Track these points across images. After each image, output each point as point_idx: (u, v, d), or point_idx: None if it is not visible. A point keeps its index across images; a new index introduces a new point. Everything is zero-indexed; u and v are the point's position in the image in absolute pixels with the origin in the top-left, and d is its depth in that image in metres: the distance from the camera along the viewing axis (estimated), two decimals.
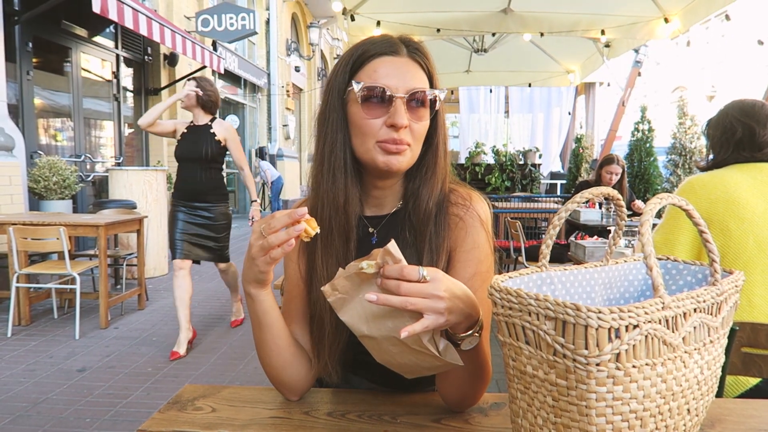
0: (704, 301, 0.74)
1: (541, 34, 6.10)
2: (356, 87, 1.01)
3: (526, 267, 0.90)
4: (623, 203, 0.93)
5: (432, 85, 1.06)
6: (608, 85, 10.24)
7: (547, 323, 0.70)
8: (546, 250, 0.88)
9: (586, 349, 0.66)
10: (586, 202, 5.13)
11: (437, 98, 1.04)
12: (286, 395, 1.08)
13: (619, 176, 4.96)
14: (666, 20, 5.44)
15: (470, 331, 0.87)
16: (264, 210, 14.01)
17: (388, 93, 1.00)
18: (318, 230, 0.89)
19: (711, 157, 1.94)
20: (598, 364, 0.66)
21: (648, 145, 8.59)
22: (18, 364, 3.61)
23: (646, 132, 8.66)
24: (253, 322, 1.03)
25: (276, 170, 13.34)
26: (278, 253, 0.88)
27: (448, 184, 1.11)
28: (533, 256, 4.88)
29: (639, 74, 8.01)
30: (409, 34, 1.09)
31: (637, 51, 7.48)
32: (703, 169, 1.91)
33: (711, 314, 0.76)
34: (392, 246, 0.79)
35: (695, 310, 0.73)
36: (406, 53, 1.05)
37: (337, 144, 1.06)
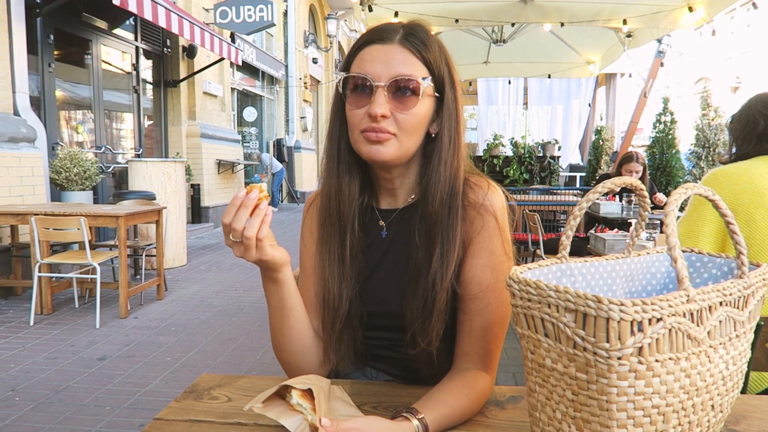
0: (730, 295, 0.72)
1: (562, 24, 6.00)
2: (337, 77, 1.03)
3: (545, 260, 0.88)
4: (646, 194, 0.90)
5: (433, 74, 1.01)
6: (629, 76, 10.09)
7: (567, 315, 0.68)
8: (566, 242, 0.86)
9: (608, 342, 0.64)
10: (607, 194, 5.05)
11: (420, 85, 0.97)
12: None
13: (639, 174, 4.81)
14: (690, 9, 5.31)
15: None
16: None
17: (368, 82, 0.98)
18: (263, 189, 0.90)
19: (734, 150, 1.92)
20: (619, 358, 0.64)
21: (670, 137, 8.46)
22: (40, 352, 3.67)
23: (669, 124, 8.53)
24: (275, 309, 1.03)
25: (278, 163, 13.37)
26: (265, 232, 0.90)
27: (462, 176, 1.05)
28: (551, 248, 4.83)
29: (662, 65, 7.86)
30: (421, 21, 1.05)
31: (659, 41, 7.32)
32: (726, 163, 1.88)
33: (737, 308, 0.74)
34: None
35: (721, 303, 0.71)
36: (398, 40, 1.00)
37: (333, 135, 1.08)
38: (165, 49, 9.04)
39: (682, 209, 2.44)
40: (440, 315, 1.00)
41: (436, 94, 1.03)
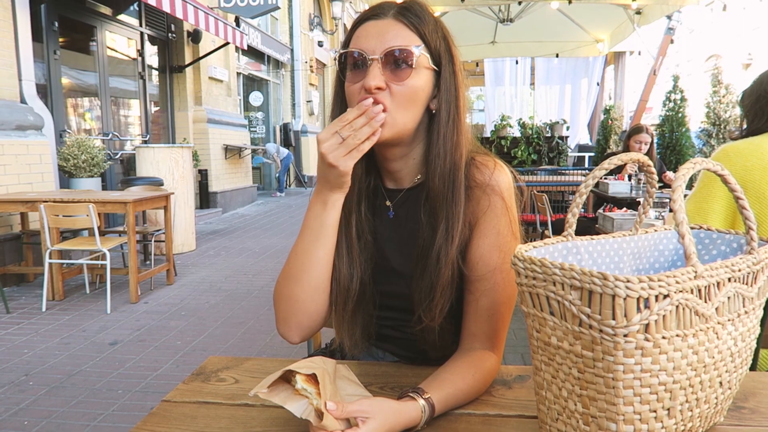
0: (739, 271, 0.71)
1: (569, 2, 5.93)
2: (333, 55, 1.01)
3: (550, 238, 0.87)
4: (654, 170, 0.89)
5: (428, 46, 0.99)
6: (639, 53, 9.94)
7: (573, 293, 0.67)
8: (572, 219, 0.85)
9: (614, 319, 0.64)
10: (615, 173, 4.98)
11: (413, 55, 0.96)
12: (291, 335, 1.05)
13: (648, 146, 4.82)
14: None
15: None
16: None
17: (361, 56, 0.97)
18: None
19: (745, 126, 1.88)
20: (626, 335, 0.64)
21: (680, 115, 8.36)
22: (53, 338, 3.72)
23: (678, 102, 8.42)
24: (311, 232, 1.00)
25: (284, 149, 13.29)
26: (367, 146, 0.93)
27: (463, 151, 1.03)
28: (559, 229, 4.78)
29: (672, 42, 7.74)
30: (422, 1, 1.03)
31: (669, 18, 7.22)
32: (737, 139, 1.85)
33: (746, 284, 0.73)
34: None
35: (729, 279, 0.70)
36: (392, 15, 0.99)
37: (335, 116, 1.06)
38: (170, 34, 9.00)
39: (690, 187, 2.41)
40: (444, 292, 1.00)
41: (434, 68, 1.01)
